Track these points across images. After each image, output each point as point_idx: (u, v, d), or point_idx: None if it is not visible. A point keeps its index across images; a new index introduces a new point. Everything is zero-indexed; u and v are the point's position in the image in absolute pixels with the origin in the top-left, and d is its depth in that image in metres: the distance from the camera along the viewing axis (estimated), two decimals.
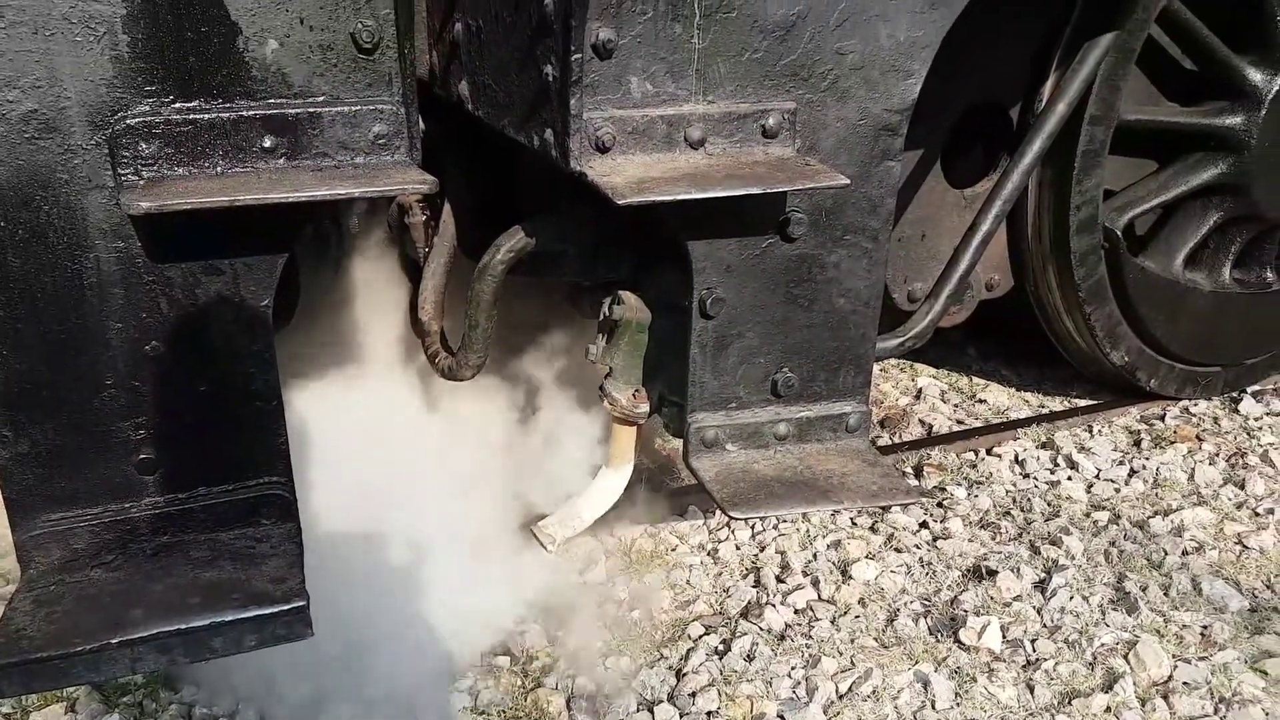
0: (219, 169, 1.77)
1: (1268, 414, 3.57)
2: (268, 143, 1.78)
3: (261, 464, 2.01)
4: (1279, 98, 3.00)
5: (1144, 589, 2.61)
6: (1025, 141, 2.55)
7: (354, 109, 1.83)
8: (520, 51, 1.96)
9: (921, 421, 3.60)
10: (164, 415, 1.92)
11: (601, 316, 2.41)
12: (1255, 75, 2.99)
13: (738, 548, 2.85)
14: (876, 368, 3.85)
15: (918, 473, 3.20)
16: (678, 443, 2.29)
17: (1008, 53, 2.78)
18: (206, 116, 1.74)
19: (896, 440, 3.47)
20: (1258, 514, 2.98)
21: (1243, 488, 3.09)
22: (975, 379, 3.91)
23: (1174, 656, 2.39)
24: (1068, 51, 2.65)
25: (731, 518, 2.74)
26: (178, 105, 1.73)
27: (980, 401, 3.75)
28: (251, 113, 1.76)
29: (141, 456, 1.93)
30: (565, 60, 1.79)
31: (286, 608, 1.81)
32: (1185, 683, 2.31)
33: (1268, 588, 2.66)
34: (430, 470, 2.60)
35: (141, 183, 1.72)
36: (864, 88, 2.00)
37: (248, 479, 2.02)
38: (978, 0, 2.04)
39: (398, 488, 2.50)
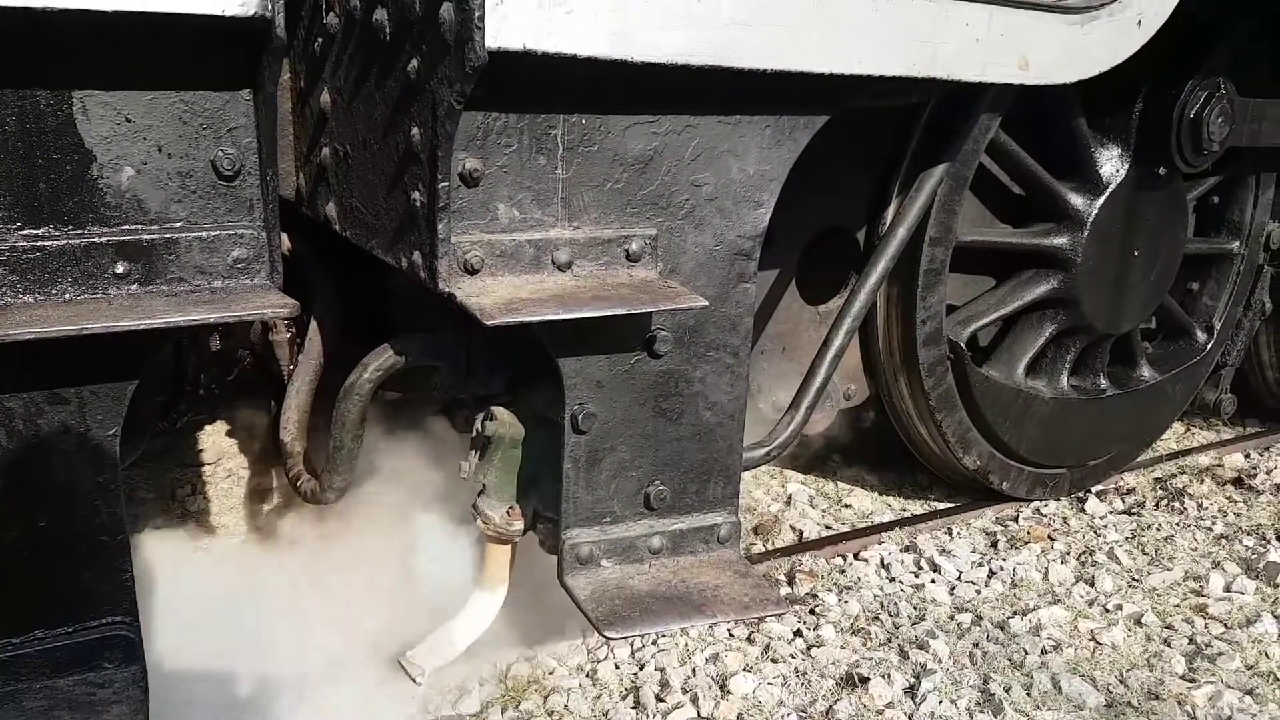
0: (67, 296, 1.71)
1: (1111, 513, 3.79)
2: (120, 269, 1.74)
3: (105, 603, 1.89)
4: (1098, 219, 3.30)
5: (1008, 689, 2.69)
6: (871, 262, 2.72)
7: (213, 234, 1.81)
8: (388, 177, 1.99)
9: (793, 528, 3.67)
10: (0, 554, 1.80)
11: (474, 432, 2.41)
12: (1076, 200, 3.29)
13: (617, 667, 2.81)
14: (748, 475, 3.93)
15: (790, 580, 3.25)
16: (553, 560, 2.27)
17: (852, 181, 2.98)
18: (55, 243, 1.70)
19: (770, 547, 3.53)
20: (1108, 610, 3.13)
21: (1093, 585, 3.26)
22: (841, 484, 4.03)
23: None
24: (906, 180, 2.86)
25: (607, 638, 2.71)
26: (25, 232, 1.68)
27: (846, 506, 3.86)
28: (104, 239, 1.73)
29: None
30: (433, 187, 1.83)
31: None
32: None
33: (1121, 682, 2.78)
34: (290, 600, 2.49)
35: None
36: (719, 216, 2.11)
37: (89, 620, 1.89)
38: (820, 137, 2.20)
39: (254, 620, 2.38)
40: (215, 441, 2.76)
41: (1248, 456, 4.37)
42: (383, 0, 1.87)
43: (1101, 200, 3.28)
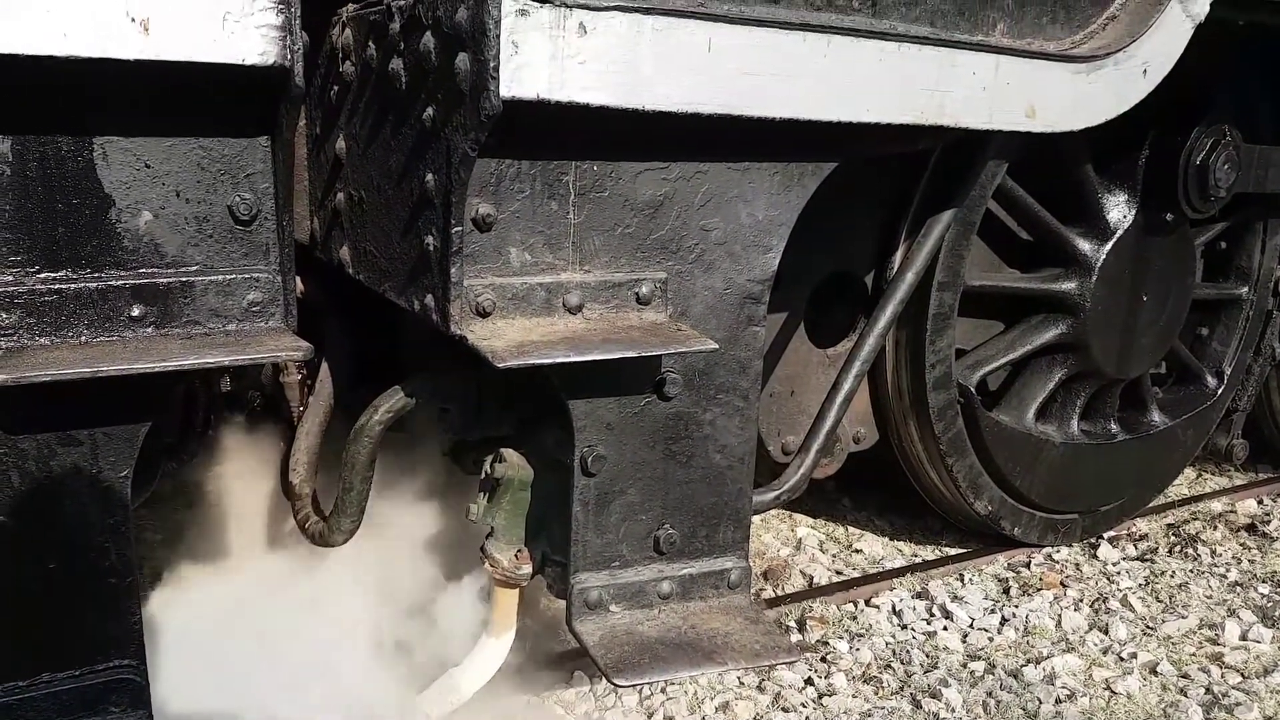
0: (83, 338, 1.73)
1: (1124, 558, 3.76)
2: (136, 311, 1.75)
3: (112, 646, 1.89)
4: (1106, 265, 3.31)
5: None
6: (879, 307, 2.72)
7: (228, 278, 1.83)
8: (402, 222, 2.01)
9: (802, 573, 3.64)
10: (6, 596, 1.79)
11: (483, 474, 2.40)
12: (1084, 245, 3.30)
13: (625, 715, 2.78)
14: (757, 519, 3.91)
15: (801, 626, 3.22)
16: (561, 604, 2.26)
17: (861, 226, 3.00)
18: (73, 286, 1.72)
19: (780, 592, 3.50)
20: (1122, 659, 3.09)
21: (1106, 632, 3.22)
22: (851, 528, 4.00)
23: None
24: (914, 224, 2.88)
25: (616, 685, 2.68)
26: (43, 275, 1.70)
27: (857, 551, 3.83)
28: (121, 282, 1.75)
29: None
30: (446, 232, 1.85)
31: None
32: None
33: None
34: (298, 645, 2.47)
35: (0, 353, 1.66)
36: (728, 260, 2.13)
37: (97, 663, 1.89)
38: (829, 183, 2.22)
39: (262, 665, 2.36)
40: (224, 483, 2.75)
41: (1261, 503, 4.33)
42: (399, 50, 1.91)
43: (1109, 245, 3.30)
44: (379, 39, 1.99)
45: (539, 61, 1.71)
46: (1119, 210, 3.32)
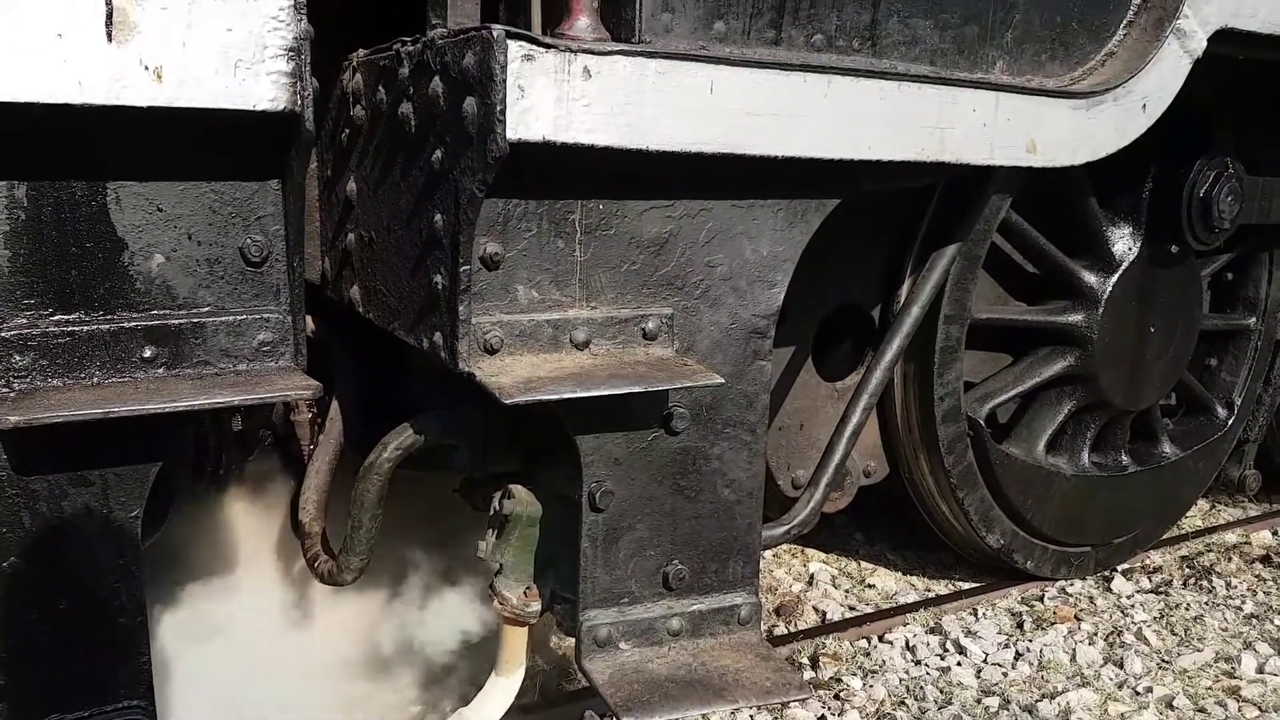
0: (95, 379, 1.75)
1: (1138, 591, 3.72)
2: (148, 353, 1.78)
3: (122, 686, 1.89)
4: (1113, 297, 3.31)
5: None
6: (886, 340, 2.73)
7: (239, 318, 1.86)
8: (411, 261, 2.04)
9: (815, 609, 3.62)
10: (17, 637, 1.80)
11: (492, 511, 2.40)
12: (1090, 277, 3.31)
13: None
14: (768, 554, 3.90)
15: (814, 663, 3.19)
16: (571, 641, 2.25)
17: (867, 260, 3.02)
18: (86, 328, 1.74)
19: (792, 629, 3.47)
20: (1138, 693, 3.05)
21: (1122, 666, 3.18)
22: (864, 563, 3.98)
23: None
24: (919, 258, 2.89)
25: None
26: (56, 318, 1.73)
27: (869, 586, 3.80)
28: (133, 324, 1.77)
29: None
30: (454, 271, 1.87)
31: None
32: None
33: None
34: (306, 683, 2.46)
35: (12, 395, 1.68)
36: (733, 295, 2.14)
37: (106, 703, 1.89)
38: (833, 218, 2.24)
39: (270, 703, 2.35)
40: (233, 521, 2.76)
41: (1275, 534, 4.30)
42: (409, 94, 1.95)
43: (1115, 278, 3.31)
44: (389, 83, 2.03)
45: (544, 105, 1.75)
46: (1124, 242, 3.33)
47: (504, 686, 2.43)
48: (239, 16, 1.69)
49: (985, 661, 3.21)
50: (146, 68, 1.63)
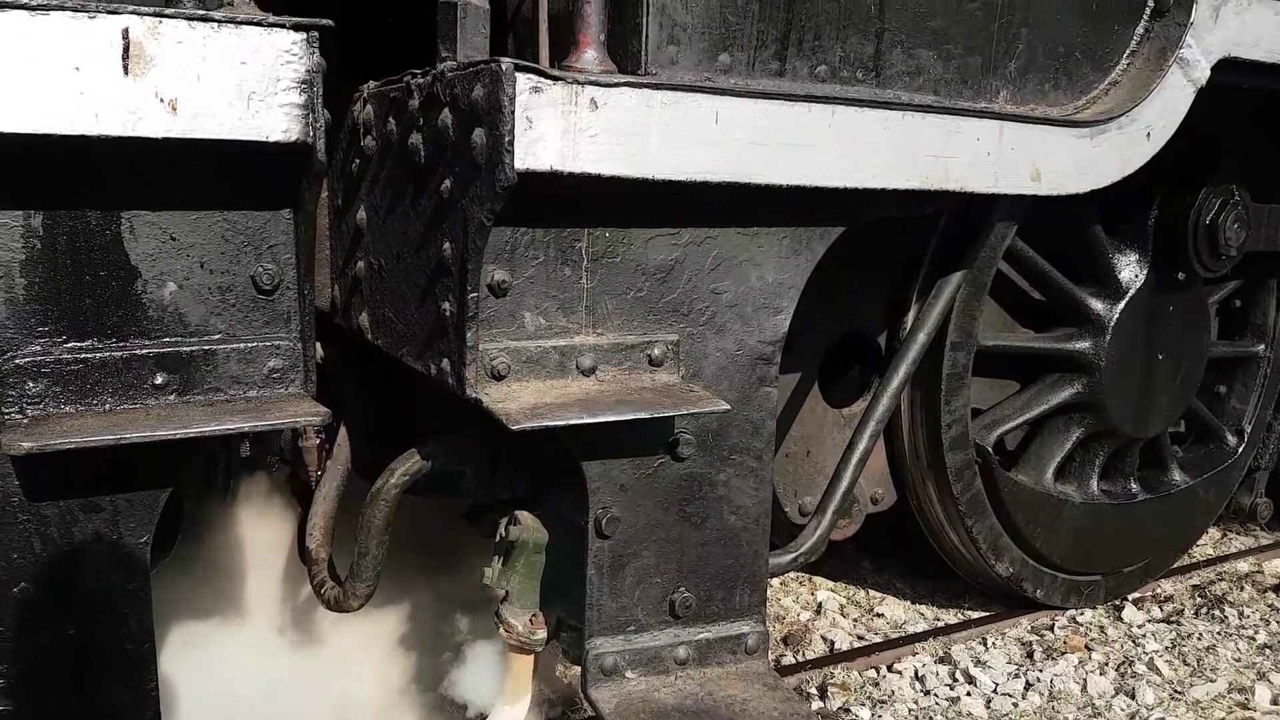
0: (107, 406, 1.77)
1: (1149, 621, 3.69)
2: (159, 379, 1.80)
3: (129, 713, 1.89)
4: (1120, 324, 3.32)
5: None
6: (892, 367, 2.73)
7: (250, 345, 1.88)
8: (420, 289, 2.06)
9: (823, 638, 3.59)
10: (26, 663, 1.81)
11: (498, 537, 2.41)
12: (1097, 304, 3.31)
13: None
14: (776, 582, 3.88)
15: (822, 693, 3.17)
16: (576, 670, 2.24)
17: (873, 287, 3.03)
18: (98, 355, 1.76)
19: (800, 659, 3.45)
20: None
21: (1133, 697, 3.15)
22: (872, 592, 3.96)
23: None
24: (925, 285, 2.91)
25: None
26: (70, 345, 1.75)
27: (878, 615, 3.78)
28: (145, 351, 1.79)
29: None
30: (462, 298, 1.89)
31: None
32: None
33: None
34: (311, 710, 2.46)
35: (26, 421, 1.70)
36: (739, 322, 2.16)
37: None
38: (838, 245, 2.25)
39: None
40: (241, 546, 2.77)
41: None
42: (418, 125, 1.97)
43: (1122, 305, 3.31)
44: (399, 115, 2.06)
45: (552, 135, 1.77)
46: (1130, 270, 3.34)
47: (510, 715, 2.42)
48: (253, 50, 1.72)
49: (995, 692, 3.18)
50: (162, 100, 1.67)
